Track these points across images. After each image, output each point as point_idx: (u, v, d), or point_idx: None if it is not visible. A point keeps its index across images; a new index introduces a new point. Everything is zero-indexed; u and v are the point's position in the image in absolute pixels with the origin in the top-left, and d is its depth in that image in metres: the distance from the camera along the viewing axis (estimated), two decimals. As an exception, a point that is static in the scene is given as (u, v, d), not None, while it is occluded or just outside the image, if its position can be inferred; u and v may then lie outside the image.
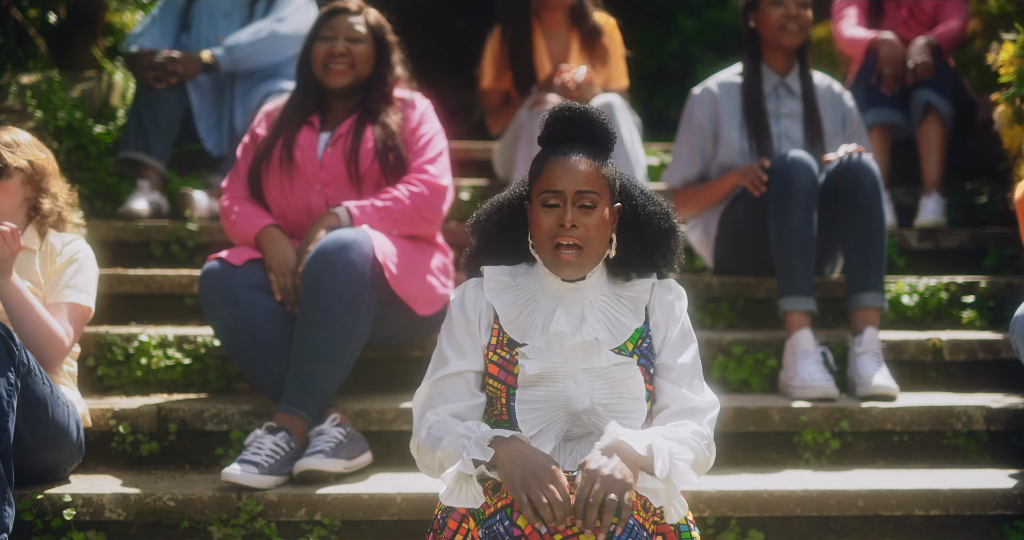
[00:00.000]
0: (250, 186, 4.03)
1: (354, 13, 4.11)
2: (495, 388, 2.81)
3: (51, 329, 3.47)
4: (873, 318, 4.17)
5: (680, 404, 2.78)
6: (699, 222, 4.71)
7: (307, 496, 3.44)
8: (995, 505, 3.55)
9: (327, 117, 4.10)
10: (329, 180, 3.99)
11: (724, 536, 3.50)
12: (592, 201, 2.78)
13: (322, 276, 3.61)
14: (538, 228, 2.79)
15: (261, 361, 3.75)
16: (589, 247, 2.78)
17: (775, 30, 4.57)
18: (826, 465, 3.86)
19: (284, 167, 4.00)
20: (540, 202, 2.79)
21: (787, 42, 4.58)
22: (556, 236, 2.77)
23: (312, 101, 4.10)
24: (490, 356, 2.83)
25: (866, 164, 4.22)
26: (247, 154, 4.09)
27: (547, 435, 2.78)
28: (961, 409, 3.92)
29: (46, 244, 3.63)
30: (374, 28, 4.10)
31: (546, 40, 5.27)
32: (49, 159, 3.68)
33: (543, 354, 2.78)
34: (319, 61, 4.05)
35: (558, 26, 5.29)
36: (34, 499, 3.38)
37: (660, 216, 2.90)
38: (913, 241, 5.13)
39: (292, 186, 4.00)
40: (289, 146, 4.01)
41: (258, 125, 4.15)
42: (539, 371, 2.76)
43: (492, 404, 2.83)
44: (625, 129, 4.86)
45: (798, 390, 4.02)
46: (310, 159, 4.00)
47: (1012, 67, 4.86)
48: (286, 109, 4.12)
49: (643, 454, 2.57)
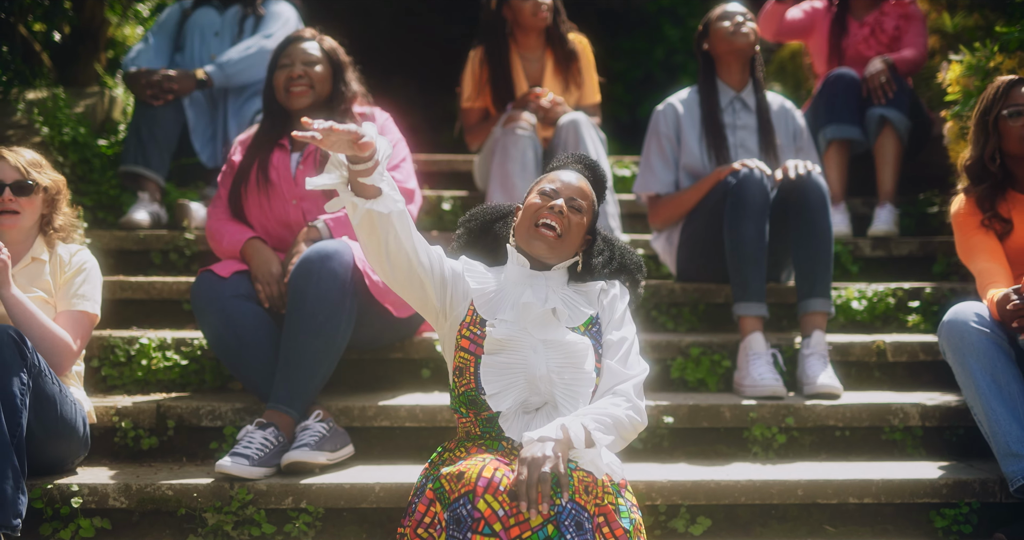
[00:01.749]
0: (232, 207, 4.35)
1: (308, 40, 4.45)
2: (465, 359, 3.21)
3: (56, 335, 3.79)
4: (821, 322, 4.49)
5: (612, 378, 3.22)
6: (663, 232, 5.02)
7: (293, 486, 3.75)
8: (923, 494, 3.86)
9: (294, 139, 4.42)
10: (304, 195, 4.31)
11: (674, 522, 3.81)
12: (580, 207, 3.29)
13: (306, 284, 3.92)
14: (527, 209, 3.28)
15: (248, 363, 4.06)
16: (565, 238, 3.27)
17: (727, 39, 4.90)
18: (773, 458, 4.18)
19: (261, 187, 4.32)
20: (536, 192, 3.30)
21: (739, 45, 4.90)
22: (541, 215, 3.25)
23: (280, 125, 4.41)
24: (463, 332, 3.24)
25: (815, 181, 4.53)
26: (226, 180, 4.41)
27: (506, 396, 3.18)
28: (898, 407, 4.23)
29: (55, 255, 3.95)
30: (328, 51, 4.43)
31: (522, 61, 5.58)
32: (63, 181, 4.01)
33: (510, 325, 3.20)
34: (280, 86, 4.38)
35: (533, 48, 5.59)
36: (44, 489, 3.69)
37: (628, 251, 3.49)
38: (867, 249, 5.45)
39: (270, 203, 4.32)
40: (264, 167, 4.34)
41: (234, 153, 4.46)
42: (505, 336, 3.17)
43: (462, 374, 3.23)
44: (591, 144, 5.19)
45: (749, 389, 4.34)
46: (285, 177, 4.32)
47: (958, 86, 5.17)
48: (258, 135, 4.44)
49: (560, 436, 2.95)
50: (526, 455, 2.90)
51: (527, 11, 5.46)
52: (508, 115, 5.31)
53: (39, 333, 3.75)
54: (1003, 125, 4.08)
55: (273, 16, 5.83)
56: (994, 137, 4.09)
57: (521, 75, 5.54)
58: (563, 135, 5.23)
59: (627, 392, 3.19)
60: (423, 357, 4.44)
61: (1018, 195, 4.13)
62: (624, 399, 3.17)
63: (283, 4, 5.91)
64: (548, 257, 3.28)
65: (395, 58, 10.24)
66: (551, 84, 5.56)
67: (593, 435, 3.01)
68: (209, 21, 5.87)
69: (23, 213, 3.89)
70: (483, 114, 5.64)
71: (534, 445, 2.92)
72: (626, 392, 3.19)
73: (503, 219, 3.48)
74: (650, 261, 5.32)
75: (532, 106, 5.28)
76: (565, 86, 5.57)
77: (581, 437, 2.98)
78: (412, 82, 10.15)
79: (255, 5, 5.87)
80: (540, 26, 5.52)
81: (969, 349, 3.83)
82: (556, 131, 5.29)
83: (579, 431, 2.99)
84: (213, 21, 5.87)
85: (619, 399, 3.17)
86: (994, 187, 4.11)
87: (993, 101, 4.09)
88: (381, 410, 4.12)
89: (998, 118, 4.08)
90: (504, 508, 2.87)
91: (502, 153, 5.16)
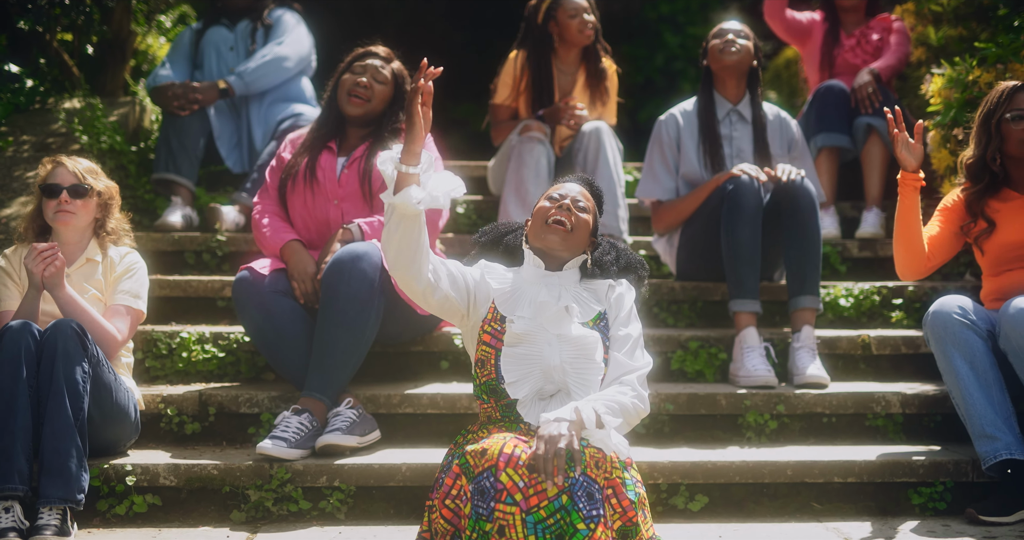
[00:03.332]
0: (278, 200, 4.72)
1: (383, 59, 4.83)
2: (486, 352, 3.58)
3: (104, 329, 4.15)
4: (810, 318, 4.86)
5: (618, 369, 3.59)
6: (664, 234, 5.38)
7: (327, 466, 4.11)
8: (902, 474, 4.23)
9: (343, 143, 4.79)
10: (345, 196, 4.68)
11: (675, 499, 4.18)
12: (586, 208, 3.69)
13: (338, 283, 4.29)
14: (538, 213, 3.69)
15: (285, 354, 4.43)
16: (575, 233, 3.66)
17: (718, 56, 5.27)
18: (765, 442, 4.54)
19: (308, 184, 4.69)
20: (545, 198, 3.71)
21: (726, 62, 5.25)
22: (551, 214, 3.65)
23: (332, 128, 4.79)
24: (484, 328, 3.62)
25: (804, 187, 4.89)
26: (275, 174, 4.78)
27: (524, 384, 3.55)
28: (881, 395, 4.60)
29: (107, 257, 4.32)
30: (396, 75, 4.82)
31: (558, 73, 5.91)
32: (116, 188, 4.37)
33: (527, 321, 3.57)
34: (345, 88, 4.75)
35: (570, 63, 5.92)
36: (101, 468, 4.05)
37: (630, 252, 3.85)
38: (854, 250, 5.82)
39: (314, 201, 4.69)
40: (312, 167, 4.71)
41: (284, 150, 4.84)
42: (523, 330, 3.55)
43: (483, 366, 3.60)
44: (610, 152, 5.55)
45: (743, 379, 4.70)
46: (330, 178, 4.70)
47: (939, 98, 5.51)
48: (309, 135, 4.81)
49: (574, 417, 3.30)
50: (543, 433, 3.26)
51: (574, 28, 5.79)
52: (524, 124, 5.67)
53: (89, 327, 4.10)
54: (1005, 128, 4.40)
55: (280, 24, 6.23)
56: (996, 138, 4.40)
57: (555, 86, 5.87)
58: (585, 141, 5.58)
59: (632, 382, 3.55)
60: (442, 350, 4.80)
61: (1012, 193, 4.46)
62: (630, 388, 3.53)
63: (287, 12, 6.29)
64: (561, 249, 3.64)
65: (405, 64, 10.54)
66: (580, 98, 5.89)
67: (603, 418, 3.36)
68: (222, 38, 6.27)
69: (77, 214, 4.25)
70: (513, 113, 5.93)
71: (550, 424, 3.28)
72: (632, 382, 3.55)
73: (513, 232, 3.85)
74: (652, 261, 5.69)
75: (566, 115, 5.61)
76: (591, 102, 5.90)
77: (592, 419, 3.34)
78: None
79: (262, 17, 6.26)
80: (584, 43, 5.82)
81: (951, 339, 4.18)
82: (579, 136, 5.63)
83: (590, 414, 3.35)
84: (226, 37, 6.27)
85: (626, 388, 3.53)
86: (988, 187, 4.43)
87: (997, 105, 4.41)
88: (405, 398, 4.48)
89: (1001, 121, 4.39)
90: (524, 480, 3.23)
91: (517, 160, 5.52)
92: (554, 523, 3.20)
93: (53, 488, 3.73)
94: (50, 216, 4.24)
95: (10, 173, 5.48)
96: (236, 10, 6.33)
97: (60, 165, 4.27)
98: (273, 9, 6.31)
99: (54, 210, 4.22)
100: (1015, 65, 5.14)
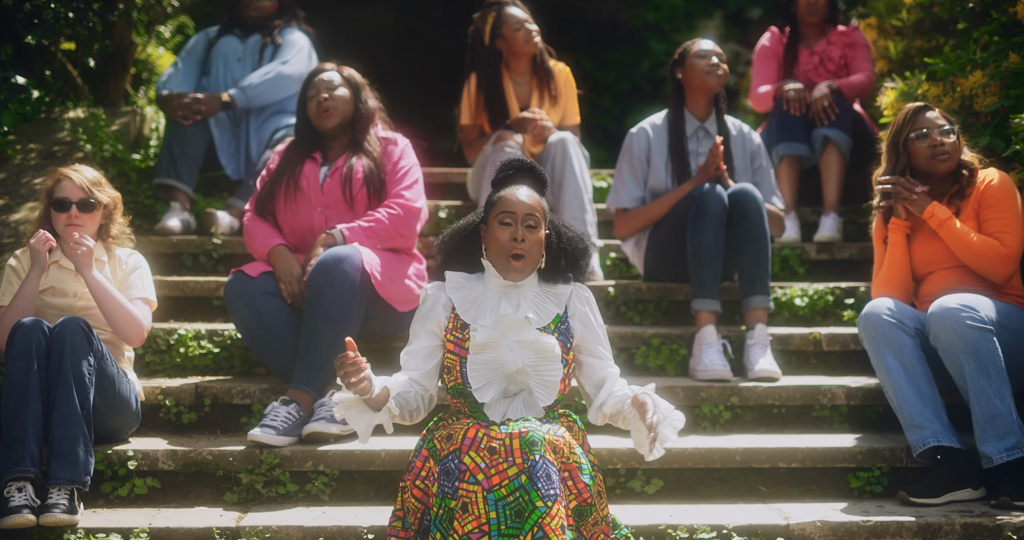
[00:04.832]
0: (267, 207, 5.07)
1: (328, 70, 5.19)
2: (451, 359, 3.88)
3: (132, 314, 4.50)
4: (762, 316, 5.22)
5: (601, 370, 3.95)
6: (633, 237, 5.73)
7: (313, 452, 4.46)
8: (842, 460, 4.58)
9: (327, 154, 5.15)
10: (328, 203, 5.03)
11: (632, 483, 4.53)
12: (535, 222, 3.89)
13: (322, 284, 4.64)
14: (495, 242, 3.88)
15: (274, 350, 4.79)
16: (530, 257, 3.88)
17: (702, 76, 5.58)
18: (720, 431, 4.89)
19: (291, 193, 5.05)
20: (498, 221, 3.88)
21: (711, 84, 5.59)
22: (511, 250, 3.85)
23: (310, 142, 5.15)
24: (447, 337, 3.90)
25: (752, 195, 5.22)
26: (264, 183, 5.13)
27: (489, 388, 3.83)
28: (827, 388, 4.95)
29: (113, 257, 4.68)
30: (346, 77, 5.18)
31: (513, 84, 6.28)
32: (119, 197, 4.73)
33: (489, 330, 3.85)
34: (312, 113, 5.11)
35: (523, 73, 6.29)
36: (105, 454, 4.40)
37: (576, 239, 4.01)
38: (812, 253, 6.17)
39: (298, 208, 5.05)
40: (296, 177, 5.06)
41: (272, 161, 5.19)
42: (485, 340, 3.82)
43: (450, 371, 3.89)
44: (576, 161, 5.90)
45: (701, 373, 5.06)
46: (313, 187, 5.05)
47: (892, 110, 5.87)
48: (292, 147, 5.16)
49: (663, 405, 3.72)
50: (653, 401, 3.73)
51: (520, 39, 6.14)
52: (498, 134, 6.03)
53: (119, 311, 4.45)
54: (911, 146, 4.77)
55: (289, 44, 6.52)
56: (904, 156, 4.78)
57: (513, 97, 6.23)
58: (552, 151, 5.93)
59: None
60: (421, 346, 5.15)
61: None
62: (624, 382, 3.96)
63: (298, 33, 6.61)
64: (522, 277, 3.91)
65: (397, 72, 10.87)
66: (537, 104, 6.26)
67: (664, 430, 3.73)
68: (232, 49, 6.59)
69: (85, 226, 4.60)
70: (479, 131, 6.30)
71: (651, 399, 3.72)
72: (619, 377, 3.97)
73: (470, 235, 4.03)
74: (621, 263, 6.05)
75: (530, 126, 5.96)
76: (550, 104, 6.27)
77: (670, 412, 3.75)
78: (413, 94, 10.77)
79: (273, 35, 6.57)
80: (532, 51, 6.19)
81: (881, 337, 4.54)
82: (546, 148, 5.98)
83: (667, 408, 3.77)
84: (236, 49, 6.59)
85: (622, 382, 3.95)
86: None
87: (903, 125, 4.79)
88: (386, 390, 4.83)
89: (907, 140, 4.77)
90: (485, 461, 3.57)
91: (492, 168, 5.87)
92: (513, 501, 3.52)
93: (62, 470, 4.09)
94: (60, 228, 4.58)
95: (18, 180, 5.81)
96: (251, 24, 6.63)
97: (68, 179, 4.59)
98: (285, 29, 6.59)
99: (64, 223, 4.56)
100: (960, 80, 5.49)
